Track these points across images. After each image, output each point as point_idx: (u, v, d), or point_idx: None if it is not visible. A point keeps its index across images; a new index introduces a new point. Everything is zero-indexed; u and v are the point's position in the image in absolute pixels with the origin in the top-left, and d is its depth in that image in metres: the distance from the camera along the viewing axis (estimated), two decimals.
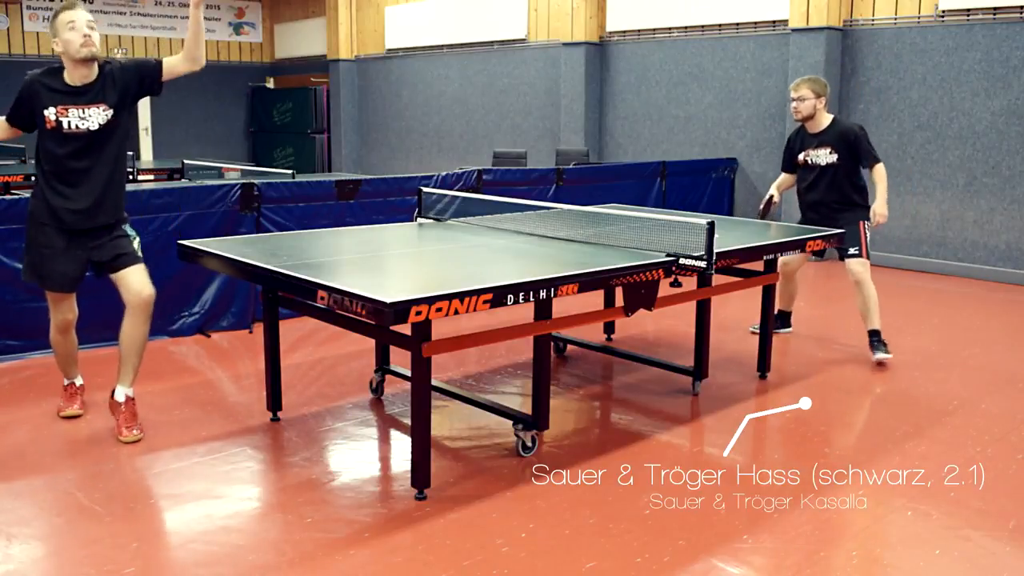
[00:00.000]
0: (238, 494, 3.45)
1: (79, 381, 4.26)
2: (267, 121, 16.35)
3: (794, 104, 5.46)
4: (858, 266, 5.32)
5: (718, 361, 5.19)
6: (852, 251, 5.32)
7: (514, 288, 3.23)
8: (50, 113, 3.73)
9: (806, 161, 5.53)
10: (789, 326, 6.04)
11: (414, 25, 13.71)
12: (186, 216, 5.72)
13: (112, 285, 3.96)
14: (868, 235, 5.39)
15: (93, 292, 5.39)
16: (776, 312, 5.55)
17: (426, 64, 13.64)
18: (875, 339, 5.30)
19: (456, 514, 3.26)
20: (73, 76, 3.78)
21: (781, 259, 5.35)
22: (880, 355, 5.22)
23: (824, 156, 5.44)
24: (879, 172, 5.35)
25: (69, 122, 3.73)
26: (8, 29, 14.19)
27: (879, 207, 5.36)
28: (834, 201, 5.46)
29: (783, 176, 5.83)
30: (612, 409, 4.55)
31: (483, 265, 3.89)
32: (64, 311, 4.00)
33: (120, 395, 3.97)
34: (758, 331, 5.23)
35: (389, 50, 14.26)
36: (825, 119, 5.49)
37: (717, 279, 4.58)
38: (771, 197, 5.76)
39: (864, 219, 5.40)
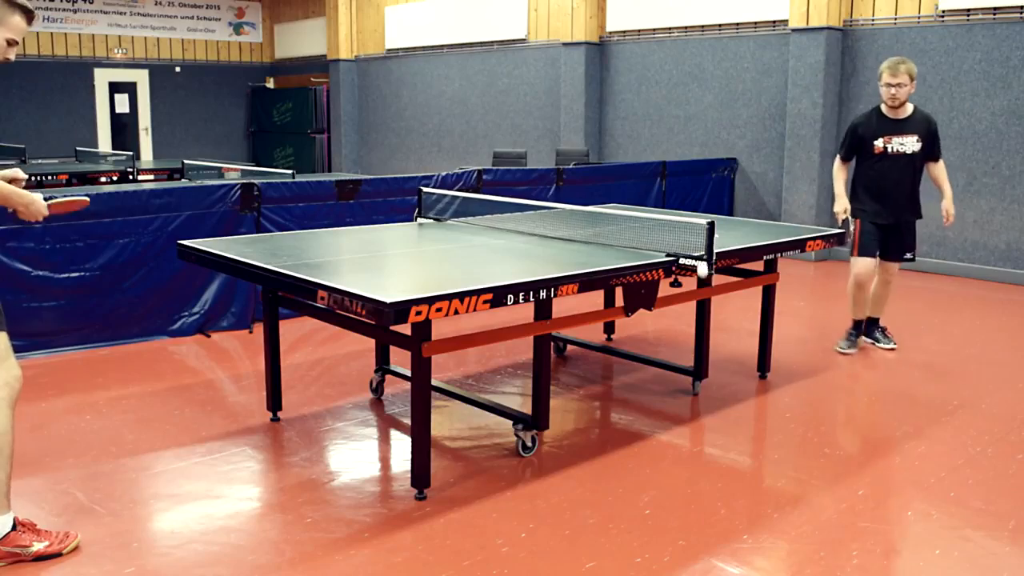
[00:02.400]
0: (238, 494, 3.45)
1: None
2: (267, 121, 16.35)
3: (893, 91, 5.13)
4: (896, 272, 5.50)
5: (718, 361, 5.19)
6: (909, 256, 5.41)
7: (514, 288, 3.23)
8: None
9: (885, 149, 5.22)
10: (874, 338, 5.67)
11: (414, 25, 13.71)
12: (186, 216, 5.72)
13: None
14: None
15: (95, 292, 5.41)
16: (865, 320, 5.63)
17: (426, 64, 13.64)
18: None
19: (456, 514, 3.26)
20: None
21: (856, 270, 5.36)
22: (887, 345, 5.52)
23: (911, 144, 5.20)
24: (944, 167, 5.33)
25: None
26: None
27: (949, 205, 5.35)
28: (910, 193, 5.30)
29: (840, 166, 5.49)
30: (612, 409, 4.55)
31: (483, 265, 3.89)
32: None
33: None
34: (847, 351, 5.46)
35: (389, 50, 14.26)
36: (909, 105, 5.27)
37: (717, 279, 4.58)
38: (846, 220, 5.37)
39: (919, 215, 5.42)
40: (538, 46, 11.89)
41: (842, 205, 5.41)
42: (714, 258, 3.80)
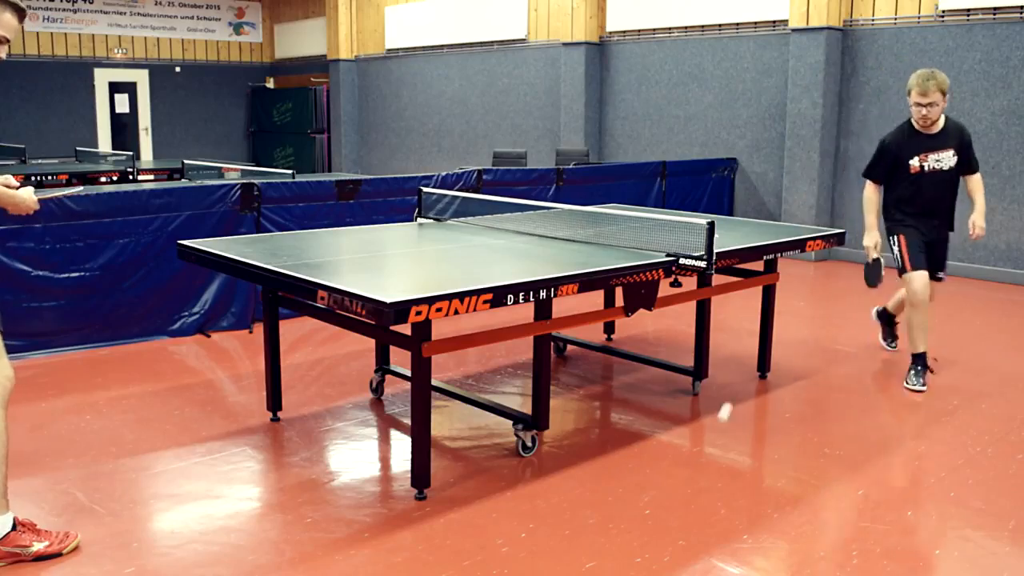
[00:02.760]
0: (238, 494, 3.44)
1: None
2: (267, 121, 16.35)
3: (924, 111, 4.67)
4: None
5: (718, 361, 5.19)
6: (941, 275, 5.08)
7: (514, 288, 3.23)
8: None
9: (922, 167, 4.82)
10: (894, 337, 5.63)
11: (414, 25, 13.71)
12: (186, 216, 5.72)
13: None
14: None
15: (95, 292, 5.41)
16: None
17: (426, 64, 13.64)
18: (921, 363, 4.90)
19: (456, 514, 3.26)
20: None
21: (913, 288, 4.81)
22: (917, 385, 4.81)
23: (948, 159, 4.81)
24: (980, 179, 4.94)
25: None
26: None
27: (980, 219, 4.89)
28: (948, 209, 4.95)
29: (873, 190, 4.99)
30: (612, 409, 4.55)
31: (483, 265, 3.89)
32: None
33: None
34: (890, 347, 5.39)
35: (389, 50, 14.26)
36: (941, 118, 4.83)
37: (717, 279, 4.58)
38: (878, 260, 4.97)
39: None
40: (538, 46, 11.89)
41: (873, 240, 4.97)
42: (714, 258, 3.80)
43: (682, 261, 3.82)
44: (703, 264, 3.78)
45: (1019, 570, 2.92)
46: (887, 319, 5.65)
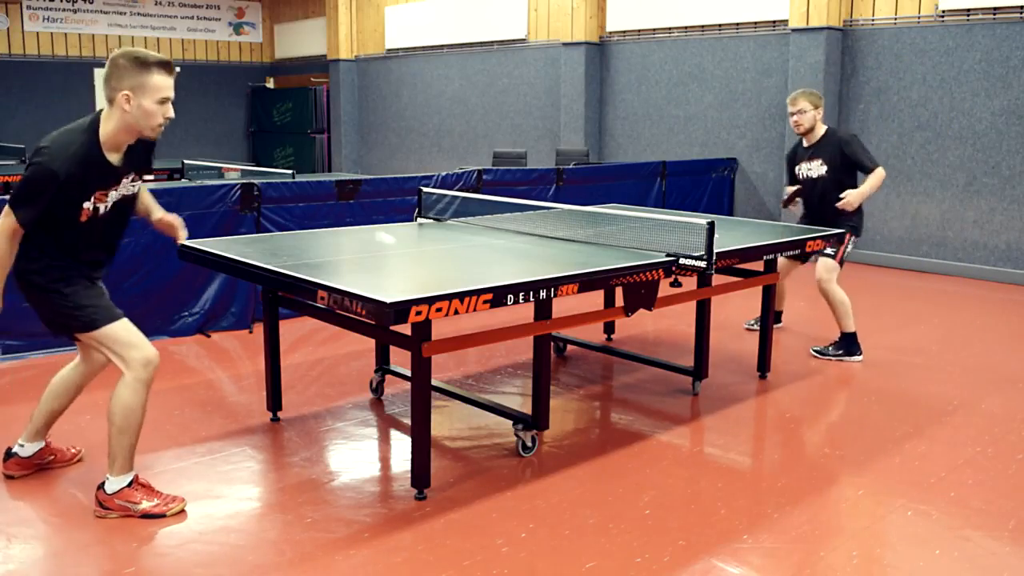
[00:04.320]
0: (238, 494, 3.44)
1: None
2: (267, 121, 16.35)
3: (795, 118, 5.41)
4: (823, 269, 5.34)
5: (718, 361, 5.19)
6: (829, 251, 5.31)
7: (514, 288, 3.23)
8: None
9: (799, 175, 5.53)
10: (779, 322, 6.15)
11: (414, 25, 13.71)
12: (186, 216, 5.66)
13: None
14: (850, 247, 5.41)
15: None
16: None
17: (426, 64, 13.64)
18: (851, 341, 5.35)
19: (456, 514, 3.26)
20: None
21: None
22: (855, 358, 5.33)
23: (815, 168, 5.41)
24: (877, 175, 5.23)
25: None
26: (8, 29, 14.20)
27: (855, 194, 5.22)
28: (819, 214, 5.44)
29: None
30: (612, 409, 4.55)
31: (483, 265, 3.89)
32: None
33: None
34: (755, 327, 5.23)
35: (389, 50, 14.26)
36: (820, 130, 5.46)
37: (717, 279, 4.58)
38: (796, 191, 5.63)
39: (853, 230, 5.39)
40: (538, 46, 11.89)
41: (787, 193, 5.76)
42: (714, 258, 3.80)
43: (682, 261, 3.82)
44: (703, 264, 3.78)
45: (1019, 570, 2.92)
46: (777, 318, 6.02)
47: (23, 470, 3.53)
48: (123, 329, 3.20)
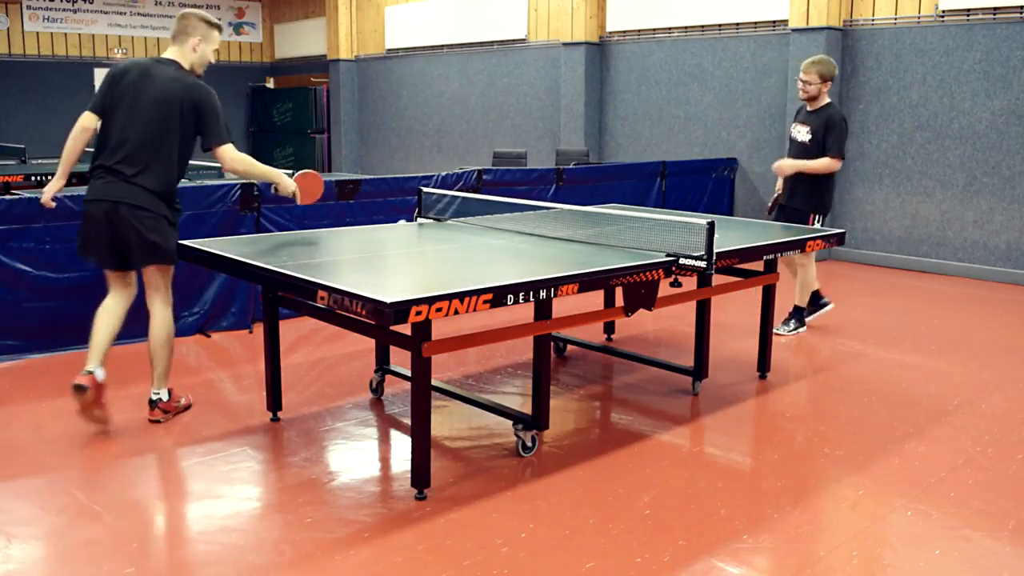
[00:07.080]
0: (238, 494, 3.44)
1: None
2: (267, 121, 16.35)
3: (801, 85, 5.75)
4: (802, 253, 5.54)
5: (718, 361, 5.19)
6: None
7: (514, 288, 3.23)
8: None
9: (791, 134, 5.91)
10: (827, 304, 6.25)
11: (414, 25, 13.71)
12: (186, 216, 5.70)
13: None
14: (817, 224, 5.71)
15: (95, 292, 5.40)
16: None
17: (426, 64, 13.64)
18: (798, 315, 5.92)
19: (456, 514, 3.26)
20: None
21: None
22: (790, 330, 5.88)
23: (802, 134, 5.78)
24: (826, 161, 5.63)
25: None
26: (8, 29, 14.20)
27: (789, 162, 5.74)
28: (796, 181, 5.78)
29: None
30: (612, 409, 4.55)
31: (483, 265, 3.89)
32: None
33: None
34: (787, 331, 5.82)
35: (389, 50, 14.26)
36: (822, 101, 5.80)
37: (717, 279, 4.58)
38: (778, 196, 6.02)
39: (818, 212, 5.73)
40: (538, 46, 11.89)
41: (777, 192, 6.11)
42: (714, 258, 3.80)
43: (682, 261, 3.82)
44: (703, 264, 3.78)
45: (1019, 570, 2.92)
46: (815, 300, 6.15)
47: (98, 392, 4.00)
48: None
